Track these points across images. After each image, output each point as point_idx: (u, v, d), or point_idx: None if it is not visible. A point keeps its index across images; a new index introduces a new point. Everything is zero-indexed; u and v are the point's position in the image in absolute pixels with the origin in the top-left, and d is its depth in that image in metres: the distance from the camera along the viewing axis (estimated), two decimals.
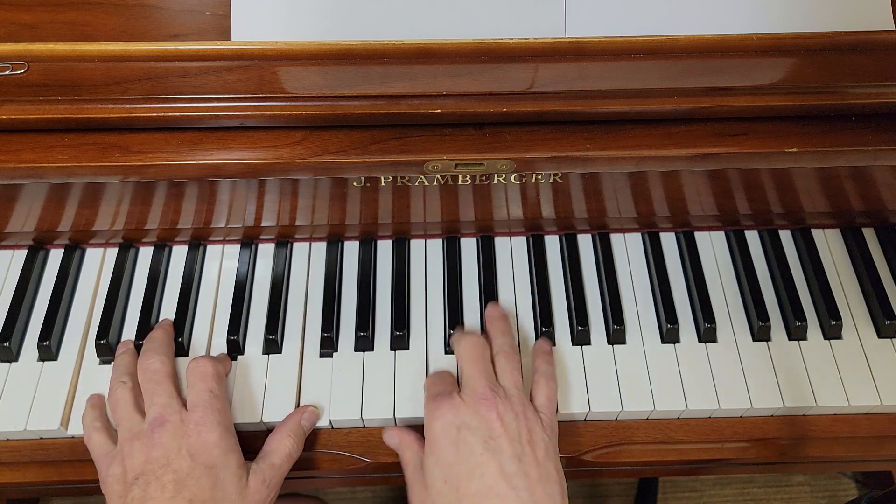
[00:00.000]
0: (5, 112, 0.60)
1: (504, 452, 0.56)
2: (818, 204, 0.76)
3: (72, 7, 0.64)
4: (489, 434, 0.57)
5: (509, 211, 0.75)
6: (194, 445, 0.59)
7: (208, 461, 0.58)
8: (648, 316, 0.74)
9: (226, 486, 0.58)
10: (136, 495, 0.57)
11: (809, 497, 1.39)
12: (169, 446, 0.59)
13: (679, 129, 0.64)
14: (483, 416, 0.58)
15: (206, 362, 0.64)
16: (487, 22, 0.64)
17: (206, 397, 0.62)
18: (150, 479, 0.57)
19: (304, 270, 0.77)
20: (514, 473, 0.55)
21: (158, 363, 0.65)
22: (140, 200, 0.71)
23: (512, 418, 0.59)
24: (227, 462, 0.59)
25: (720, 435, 0.69)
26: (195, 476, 0.57)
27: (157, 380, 0.63)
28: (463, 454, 0.57)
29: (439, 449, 0.58)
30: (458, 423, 0.58)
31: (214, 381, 0.63)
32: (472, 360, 0.64)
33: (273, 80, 0.62)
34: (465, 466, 0.56)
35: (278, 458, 0.62)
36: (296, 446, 0.64)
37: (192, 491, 0.57)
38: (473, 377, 0.62)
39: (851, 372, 0.70)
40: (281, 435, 0.64)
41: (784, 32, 0.65)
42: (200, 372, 0.64)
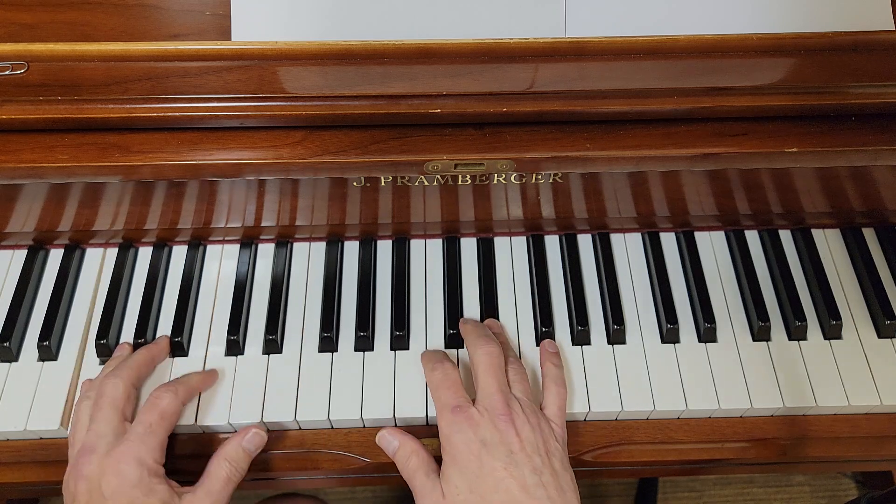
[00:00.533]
0: (5, 112, 0.60)
1: (524, 467, 0.58)
2: (818, 204, 0.76)
3: (72, 7, 0.64)
4: (509, 450, 0.59)
5: (509, 211, 0.75)
6: (111, 487, 0.58)
7: (131, 502, 0.57)
8: (648, 316, 0.74)
9: None
10: None
11: (809, 497, 1.39)
12: (91, 479, 0.58)
13: (679, 129, 0.64)
14: (502, 431, 0.59)
15: (164, 394, 0.63)
16: (487, 22, 0.64)
17: (140, 430, 0.61)
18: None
19: (304, 270, 0.77)
20: (534, 485, 0.57)
21: (111, 387, 0.63)
22: (140, 200, 0.71)
23: (529, 432, 0.60)
24: (149, 501, 0.58)
25: (720, 435, 0.69)
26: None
27: (101, 405, 0.62)
28: (486, 469, 0.58)
29: (462, 461, 0.59)
30: (479, 439, 0.59)
31: (158, 415, 0.62)
32: (491, 372, 0.63)
33: (273, 80, 0.62)
34: (489, 480, 0.58)
35: (215, 483, 0.61)
36: (234, 470, 0.62)
37: None
38: (491, 391, 0.62)
39: (851, 372, 0.70)
40: (218, 459, 0.62)
41: (784, 32, 0.65)
42: (152, 402, 0.63)
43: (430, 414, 0.67)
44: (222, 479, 0.61)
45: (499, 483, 0.57)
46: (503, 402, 0.61)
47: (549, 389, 0.66)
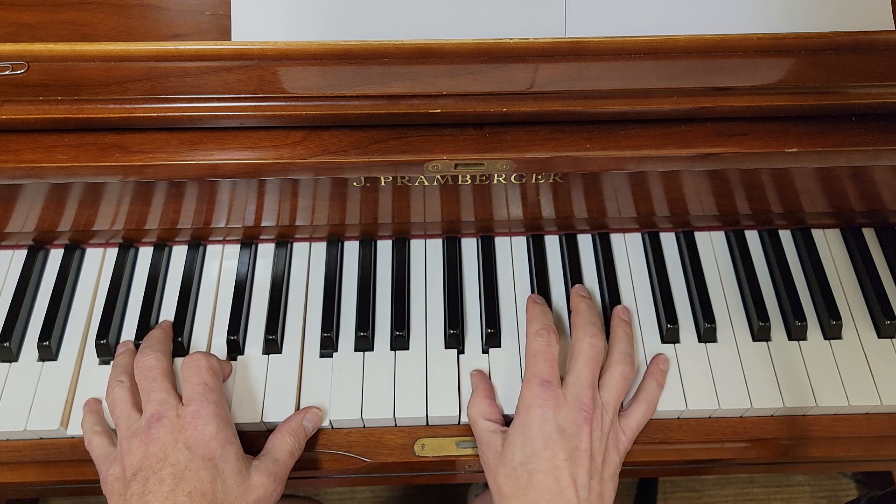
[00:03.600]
0: (5, 112, 0.60)
1: (582, 466, 0.60)
2: (818, 204, 0.76)
3: (72, 7, 0.64)
4: (576, 446, 0.61)
5: (509, 211, 0.75)
6: (191, 438, 0.59)
7: (206, 453, 0.58)
8: (648, 316, 0.74)
9: (226, 477, 0.58)
10: (135, 491, 0.57)
11: (809, 497, 1.39)
12: (166, 441, 0.58)
13: (679, 129, 0.64)
14: (579, 426, 0.61)
15: (198, 356, 0.65)
16: (487, 22, 0.64)
17: (200, 390, 0.62)
18: (149, 475, 0.57)
19: (304, 270, 0.77)
20: (583, 486, 0.59)
21: (154, 360, 0.64)
22: (140, 200, 0.71)
23: (599, 437, 0.62)
24: (225, 454, 0.59)
25: (720, 435, 0.69)
26: (193, 468, 0.57)
27: (153, 376, 0.63)
28: (548, 451, 0.60)
29: (530, 434, 0.61)
30: (555, 424, 0.61)
31: (208, 373, 0.63)
32: (590, 365, 0.65)
33: (273, 80, 0.62)
34: (545, 463, 0.60)
35: (281, 454, 0.63)
36: (297, 445, 0.64)
37: (192, 483, 0.56)
38: (584, 383, 0.63)
39: (851, 372, 0.70)
40: (283, 433, 0.64)
41: (784, 32, 0.65)
42: (194, 366, 0.64)
43: (431, 414, 0.67)
44: (287, 450, 0.63)
45: (554, 469, 0.59)
46: (590, 397, 0.63)
47: (637, 405, 0.67)
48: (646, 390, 0.67)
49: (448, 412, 0.67)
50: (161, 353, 0.66)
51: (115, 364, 0.68)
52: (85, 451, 0.67)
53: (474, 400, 0.66)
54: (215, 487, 0.57)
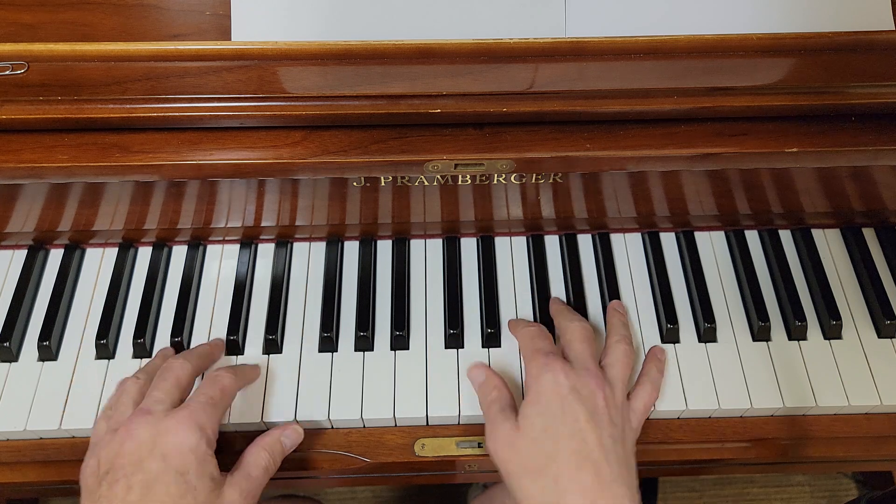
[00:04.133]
0: (5, 112, 0.60)
1: (605, 429, 0.58)
2: (818, 204, 0.76)
3: (72, 7, 0.64)
4: (594, 408, 0.59)
5: (509, 211, 0.75)
6: (168, 446, 0.56)
7: (181, 466, 0.55)
8: (648, 316, 0.74)
9: (197, 494, 0.55)
10: (103, 493, 0.55)
11: (809, 497, 1.39)
12: (143, 440, 0.56)
13: (679, 129, 0.64)
14: (592, 390, 0.60)
15: (223, 373, 0.63)
16: (487, 22, 0.64)
17: (202, 400, 0.60)
18: (119, 477, 0.55)
19: (304, 270, 0.77)
20: (610, 448, 0.57)
21: (178, 366, 0.63)
22: (140, 200, 0.71)
23: (614, 405, 0.61)
24: (200, 470, 0.56)
25: (720, 435, 0.69)
26: (165, 481, 0.55)
27: (167, 377, 0.62)
28: (568, 415, 0.58)
29: (545, 401, 0.59)
30: (569, 385, 0.60)
31: (219, 391, 0.62)
32: (584, 340, 0.65)
33: (273, 80, 0.62)
34: (568, 427, 0.58)
35: (255, 469, 0.61)
36: (272, 461, 0.62)
37: (160, 496, 0.54)
38: (585, 356, 0.63)
39: (851, 372, 0.70)
40: (258, 448, 0.62)
41: (784, 32, 0.65)
42: (212, 378, 0.63)
43: (431, 414, 0.67)
44: (261, 466, 0.61)
45: (577, 432, 0.57)
46: (596, 367, 0.63)
47: (643, 387, 0.66)
48: (648, 374, 0.67)
49: (448, 412, 0.67)
50: (191, 364, 0.64)
51: (143, 366, 0.68)
52: (84, 450, 0.67)
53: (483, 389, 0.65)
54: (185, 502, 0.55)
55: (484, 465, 0.69)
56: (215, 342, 0.71)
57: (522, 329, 0.68)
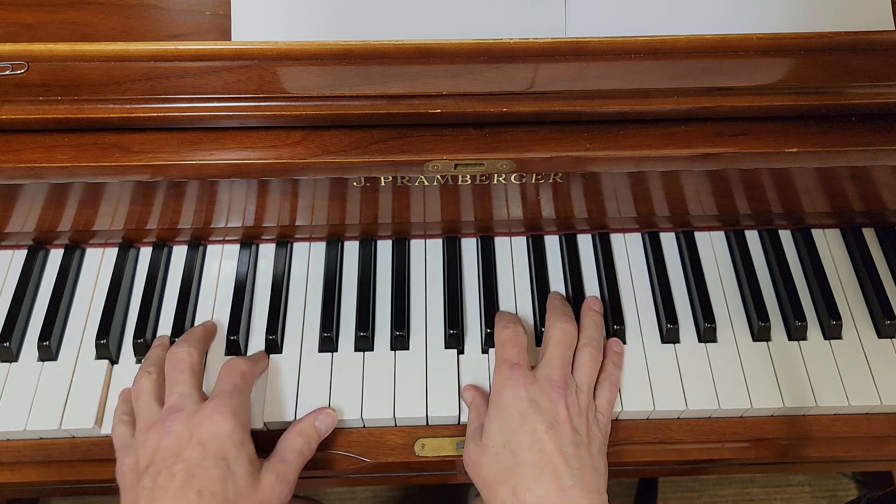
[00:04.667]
0: (5, 112, 0.60)
1: (565, 437, 0.60)
2: (818, 204, 0.76)
3: (72, 7, 0.64)
4: (554, 418, 0.60)
5: (509, 211, 0.75)
6: (206, 434, 0.58)
7: (219, 452, 0.58)
8: (648, 316, 0.74)
9: (237, 478, 0.58)
10: (147, 484, 0.56)
11: (809, 497, 1.39)
12: (181, 434, 0.58)
13: (679, 129, 0.64)
14: (553, 401, 0.61)
15: (237, 360, 0.66)
16: (487, 22, 0.64)
17: (227, 389, 0.62)
18: (161, 469, 0.57)
19: (305, 270, 0.77)
20: (571, 455, 0.59)
21: (184, 353, 0.65)
22: (140, 200, 0.71)
23: (577, 412, 0.62)
24: (238, 455, 0.59)
25: (720, 435, 0.69)
26: (205, 466, 0.57)
27: (181, 369, 0.64)
28: (527, 427, 0.60)
29: (506, 415, 0.61)
30: (528, 399, 0.61)
31: (240, 377, 0.64)
32: (560, 346, 0.66)
33: (273, 80, 0.62)
34: (526, 439, 0.59)
35: (290, 454, 0.62)
36: (307, 446, 0.64)
37: (202, 482, 0.56)
38: (554, 363, 0.65)
39: (851, 372, 0.70)
40: (292, 433, 0.64)
41: (784, 32, 0.65)
42: (229, 367, 0.64)
43: (431, 414, 0.67)
44: (296, 451, 0.63)
45: (536, 442, 0.59)
46: (561, 376, 0.63)
47: (602, 385, 0.67)
48: (605, 371, 0.68)
49: (448, 412, 0.67)
50: (195, 348, 0.66)
51: (147, 356, 0.69)
52: (84, 450, 0.67)
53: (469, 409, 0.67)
54: (226, 487, 0.57)
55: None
56: (203, 323, 0.72)
57: (498, 332, 0.69)
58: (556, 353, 0.65)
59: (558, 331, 0.67)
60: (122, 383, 0.69)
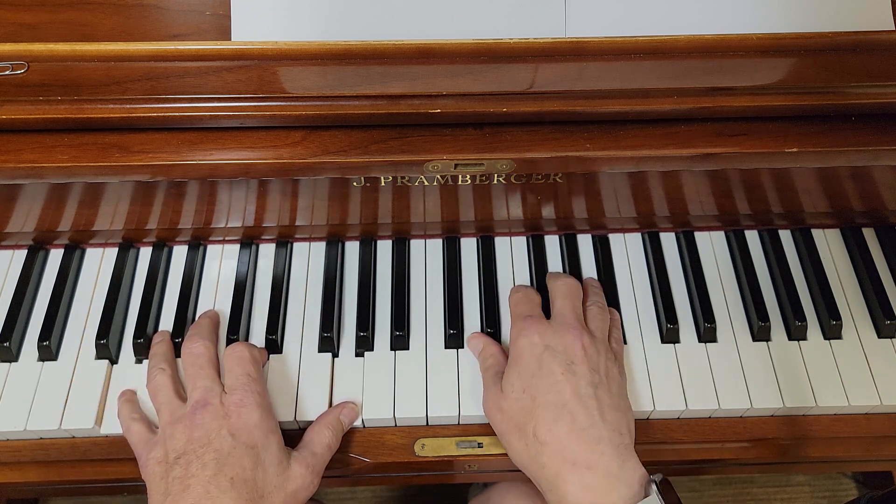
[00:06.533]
0: (5, 112, 0.60)
1: (582, 377, 0.60)
2: (818, 204, 0.76)
3: (72, 7, 0.64)
4: (571, 359, 0.61)
5: (509, 211, 0.75)
6: (235, 425, 0.59)
7: (249, 441, 0.59)
8: (648, 316, 0.74)
9: (266, 466, 0.58)
10: (177, 474, 0.57)
11: (809, 497, 1.39)
12: (210, 427, 0.59)
13: (679, 129, 0.64)
14: (568, 343, 0.62)
15: (242, 347, 0.66)
16: (487, 22, 0.64)
17: (244, 380, 0.63)
18: (192, 458, 0.57)
19: (305, 270, 0.77)
20: (588, 396, 0.60)
21: (202, 347, 0.66)
22: (140, 200, 0.71)
23: (595, 353, 0.63)
24: (267, 443, 0.60)
25: (720, 435, 0.69)
26: (236, 455, 0.58)
27: (201, 364, 0.64)
28: (544, 371, 0.61)
29: (523, 362, 0.62)
30: (543, 344, 0.63)
31: (252, 364, 0.64)
32: (567, 296, 0.67)
33: (273, 80, 0.62)
34: (544, 381, 0.60)
35: (319, 447, 0.63)
36: (334, 438, 0.64)
37: (234, 469, 0.57)
38: (565, 310, 0.66)
39: (851, 372, 0.70)
40: (320, 426, 0.65)
41: (784, 32, 0.65)
42: (237, 356, 0.65)
43: (431, 414, 0.67)
44: (324, 444, 0.64)
45: (553, 385, 0.60)
46: (575, 319, 0.65)
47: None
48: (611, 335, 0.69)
49: (448, 412, 0.67)
50: (209, 340, 0.67)
51: (153, 353, 0.69)
52: (84, 450, 0.67)
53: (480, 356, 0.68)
54: (256, 475, 0.58)
55: (484, 465, 0.69)
56: (207, 313, 0.72)
57: (510, 296, 0.71)
58: (565, 304, 0.67)
59: (562, 284, 0.69)
60: (123, 383, 0.69)
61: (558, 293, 0.68)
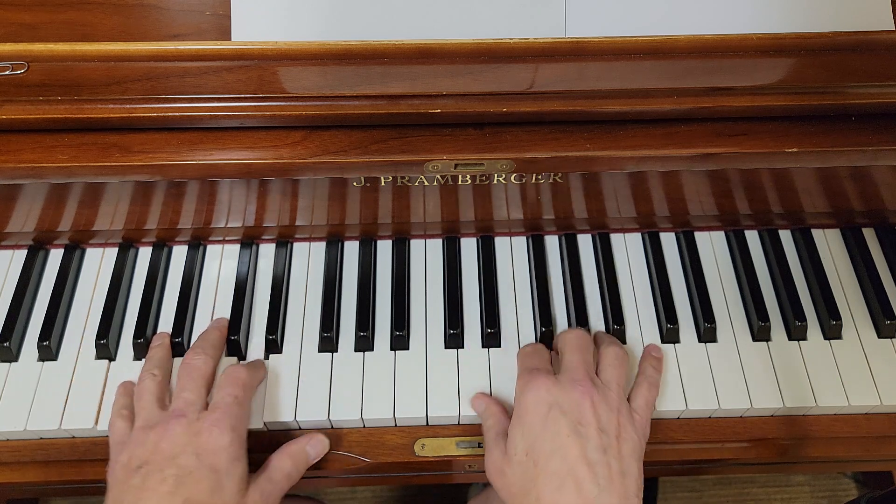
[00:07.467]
0: (5, 112, 0.60)
1: (591, 440, 0.57)
2: (818, 204, 0.76)
3: (72, 7, 0.64)
4: (579, 419, 0.57)
5: (509, 211, 0.75)
6: (203, 445, 0.59)
7: (213, 464, 0.58)
8: (648, 316, 0.74)
9: (225, 493, 0.58)
10: (135, 483, 0.57)
11: (809, 497, 1.39)
12: (179, 441, 0.59)
13: (679, 129, 0.64)
14: (576, 401, 0.58)
15: (240, 369, 0.65)
16: (487, 22, 0.64)
17: (228, 401, 0.62)
18: (153, 470, 0.57)
19: (305, 270, 0.77)
20: (596, 462, 0.56)
21: (201, 362, 0.65)
22: (140, 200, 0.71)
23: (605, 410, 0.59)
24: (231, 469, 0.59)
25: (720, 435, 0.69)
26: (197, 476, 0.57)
27: (194, 377, 0.64)
28: (549, 432, 0.57)
29: (527, 422, 0.59)
30: (550, 401, 0.59)
31: (241, 388, 0.64)
32: (576, 349, 0.64)
33: (273, 80, 0.62)
34: (548, 444, 0.57)
35: (277, 474, 0.62)
36: (295, 469, 0.63)
37: (191, 490, 0.56)
38: (574, 364, 0.63)
39: (851, 372, 0.70)
40: (282, 455, 0.64)
41: (784, 32, 0.65)
42: (231, 376, 0.64)
43: (431, 414, 0.67)
44: (284, 472, 0.63)
45: (558, 448, 0.56)
46: (585, 374, 0.61)
47: (640, 385, 0.65)
48: (644, 373, 0.67)
49: (448, 412, 0.67)
50: (211, 357, 0.67)
51: (149, 356, 0.68)
52: (84, 450, 0.67)
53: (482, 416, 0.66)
54: (213, 500, 0.57)
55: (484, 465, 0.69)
56: (218, 324, 0.71)
57: (520, 351, 0.69)
58: (574, 356, 0.63)
59: (572, 335, 0.66)
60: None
61: (567, 345, 0.65)
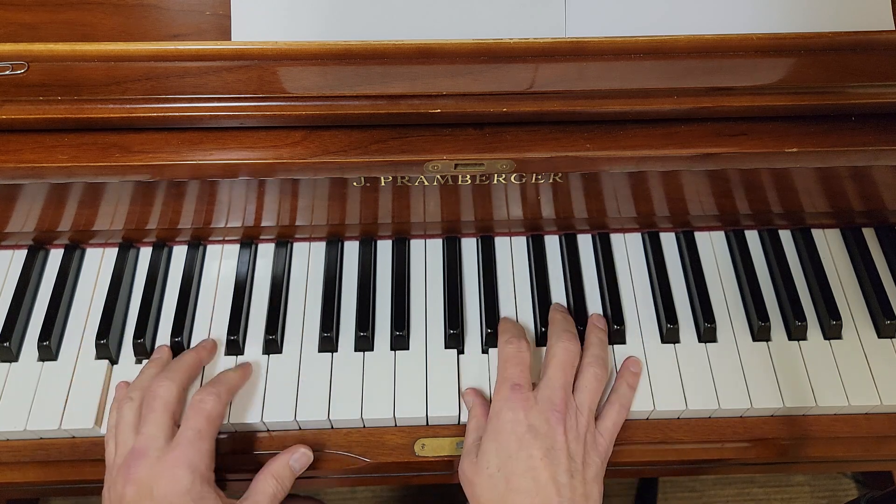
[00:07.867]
0: (5, 112, 0.60)
1: (560, 465, 0.59)
2: (818, 204, 0.76)
3: (72, 7, 0.64)
4: (552, 445, 0.60)
5: (509, 211, 0.75)
6: (163, 490, 0.57)
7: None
8: (648, 316, 0.74)
9: None
10: None
11: (809, 497, 1.39)
12: (141, 483, 0.58)
13: (679, 129, 0.64)
14: (552, 426, 0.61)
15: (207, 398, 0.62)
16: (487, 22, 0.64)
17: (190, 435, 0.60)
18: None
19: (304, 270, 0.77)
20: (563, 485, 0.58)
21: (164, 390, 0.62)
22: (140, 200, 0.71)
23: (574, 437, 0.61)
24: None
25: (720, 435, 0.69)
26: None
27: (154, 407, 0.62)
28: (523, 452, 0.59)
29: (503, 438, 0.61)
30: (527, 423, 0.61)
31: (206, 420, 0.61)
32: (561, 367, 0.65)
33: (273, 80, 0.62)
34: (522, 465, 0.59)
35: (261, 497, 0.61)
36: (280, 487, 0.62)
37: None
38: (555, 385, 0.63)
39: (851, 372, 0.70)
40: (265, 475, 0.63)
41: (784, 32, 0.65)
42: (198, 407, 0.62)
43: (431, 414, 0.67)
44: (269, 494, 0.62)
45: (530, 469, 0.59)
46: (563, 399, 0.63)
47: (612, 405, 0.66)
48: (617, 392, 0.67)
49: (448, 412, 0.67)
50: (176, 383, 0.63)
51: (138, 378, 0.66)
52: (84, 450, 0.67)
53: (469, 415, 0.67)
54: None
55: None
56: (203, 346, 0.70)
57: (501, 346, 0.68)
58: (557, 374, 0.64)
59: (560, 350, 0.66)
60: None
61: (554, 358, 0.65)
